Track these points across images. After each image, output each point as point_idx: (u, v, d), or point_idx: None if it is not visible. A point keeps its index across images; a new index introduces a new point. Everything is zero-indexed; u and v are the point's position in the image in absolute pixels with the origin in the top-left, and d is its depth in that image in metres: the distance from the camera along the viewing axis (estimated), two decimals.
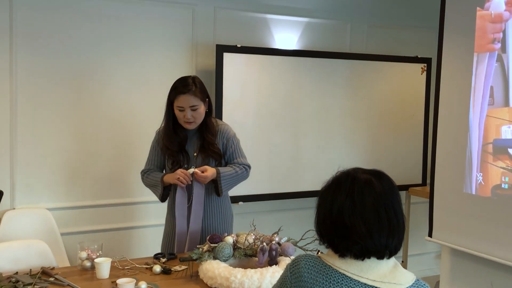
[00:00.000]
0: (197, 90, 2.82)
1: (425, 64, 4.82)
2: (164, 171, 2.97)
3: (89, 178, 3.82)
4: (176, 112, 2.84)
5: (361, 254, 1.52)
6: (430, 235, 3.66)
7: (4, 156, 3.56)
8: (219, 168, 2.86)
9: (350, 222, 1.51)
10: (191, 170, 2.80)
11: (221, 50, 3.98)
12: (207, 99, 2.89)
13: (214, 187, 2.89)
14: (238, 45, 4.05)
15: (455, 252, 3.59)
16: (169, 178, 2.86)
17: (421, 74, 4.83)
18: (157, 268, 2.53)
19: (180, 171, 2.80)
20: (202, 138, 2.89)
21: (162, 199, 2.95)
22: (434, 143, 3.64)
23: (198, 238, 2.87)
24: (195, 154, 2.89)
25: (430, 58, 4.77)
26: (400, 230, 1.54)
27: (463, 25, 3.43)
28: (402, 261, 4.68)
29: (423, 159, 4.86)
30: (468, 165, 3.38)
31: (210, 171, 2.81)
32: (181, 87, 2.82)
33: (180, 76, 2.92)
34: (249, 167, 2.99)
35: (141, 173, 3.02)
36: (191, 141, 2.92)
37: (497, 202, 3.22)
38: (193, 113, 2.81)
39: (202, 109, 2.84)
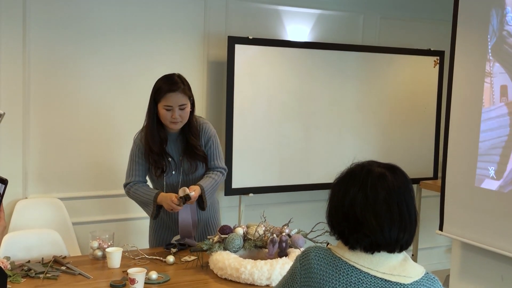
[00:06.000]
0: (186, 88, 2.71)
1: (438, 57, 4.78)
2: (147, 180, 2.86)
3: (101, 168, 3.83)
4: (162, 112, 2.68)
5: (371, 247, 1.51)
6: (441, 228, 3.64)
7: (16, 145, 3.59)
8: (201, 184, 2.73)
9: (361, 216, 1.51)
10: (186, 191, 2.65)
11: (232, 41, 3.97)
12: (191, 98, 2.76)
13: (198, 202, 2.77)
14: (250, 37, 4.04)
15: (466, 246, 3.57)
16: (163, 201, 2.70)
17: (434, 67, 4.79)
18: (171, 258, 2.55)
19: (174, 200, 2.64)
20: (185, 141, 2.77)
21: (155, 218, 2.80)
22: (446, 137, 3.61)
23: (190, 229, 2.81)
24: (180, 158, 2.78)
25: (443, 51, 4.73)
26: (412, 225, 1.53)
27: (478, 17, 3.39)
28: (412, 255, 4.66)
29: (435, 152, 4.83)
30: (481, 160, 3.35)
31: (197, 190, 2.69)
32: (170, 84, 2.69)
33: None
34: (225, 170, 2.88)
35: (124, 186, 2.83)
36: (174, 144, 2.79)
37: (508, 197, 3.20)
38: (181, 112, 2.68)
39: (188, 108, 2.73)
